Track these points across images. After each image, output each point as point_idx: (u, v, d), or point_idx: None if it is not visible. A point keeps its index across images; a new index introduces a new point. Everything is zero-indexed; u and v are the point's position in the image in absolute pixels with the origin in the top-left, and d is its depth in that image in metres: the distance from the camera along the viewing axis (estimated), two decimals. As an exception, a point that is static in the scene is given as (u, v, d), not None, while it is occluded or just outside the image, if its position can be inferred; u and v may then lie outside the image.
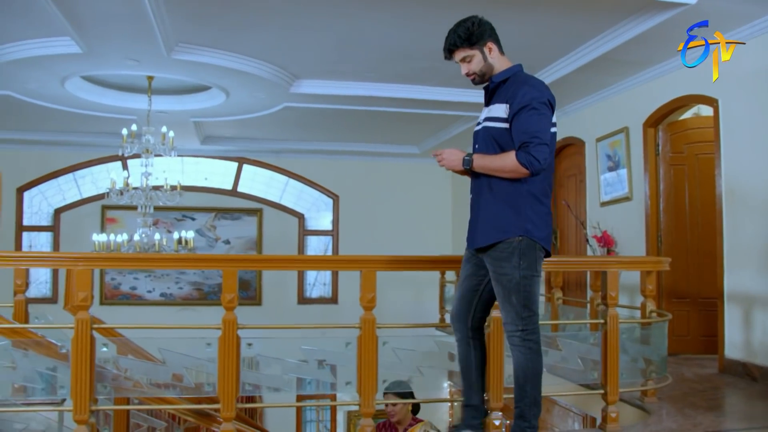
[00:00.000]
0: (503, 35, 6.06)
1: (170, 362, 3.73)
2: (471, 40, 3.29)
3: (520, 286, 3.22)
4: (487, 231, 3.26)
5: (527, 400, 3.31)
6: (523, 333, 3.25)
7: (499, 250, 3.23)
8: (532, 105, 3.12)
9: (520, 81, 3.24)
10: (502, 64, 3.34)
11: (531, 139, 3.08)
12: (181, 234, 8.11)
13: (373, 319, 3.79)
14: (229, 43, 6.58)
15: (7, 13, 5.74)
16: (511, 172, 3.14)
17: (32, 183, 11.42)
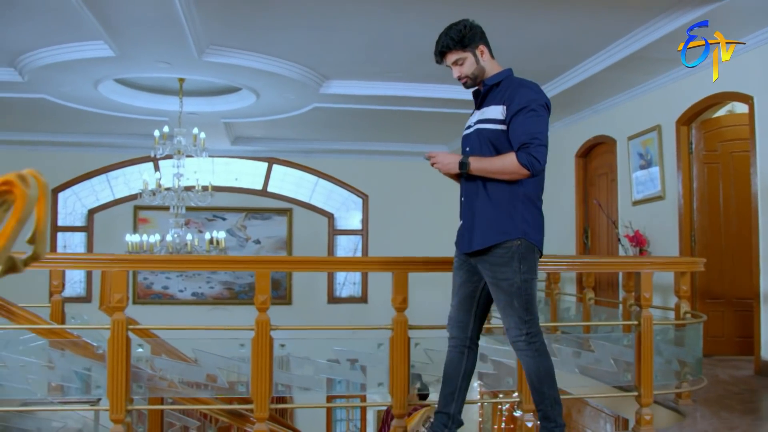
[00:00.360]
0: (534, 34, 6.14)
1: (204, 363, 3.77)
2: (463, 42, 3.27)
3: (521, 290, 3.18)
4: (485, 234, 3.21)
5: (548, 401, 3.28)
6: (528, 336, 3.21)
7: (497, 255, 3.18)
8: (531, 107, 3.10)
9: (517, 83, 3.23)
10: (494, 68, 3.32)
11: (531, 140, 3.06)
12: (212, 234, 8.17)
13: (405, 321, 3.80)
14: (259, 44, 6.63)
15: (42, 18, 5.84)
16: (512, 173, 3.11)
17: (66, 184, 11.59)
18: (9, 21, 5.91)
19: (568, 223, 8.96)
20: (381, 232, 12.13)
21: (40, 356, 3.83)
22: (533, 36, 6.28)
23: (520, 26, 6.03)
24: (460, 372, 3.45)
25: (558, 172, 9.31)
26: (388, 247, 11.58)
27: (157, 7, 5.44)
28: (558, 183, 9.31)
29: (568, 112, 8.67)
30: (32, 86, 7.62)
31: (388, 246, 11.61)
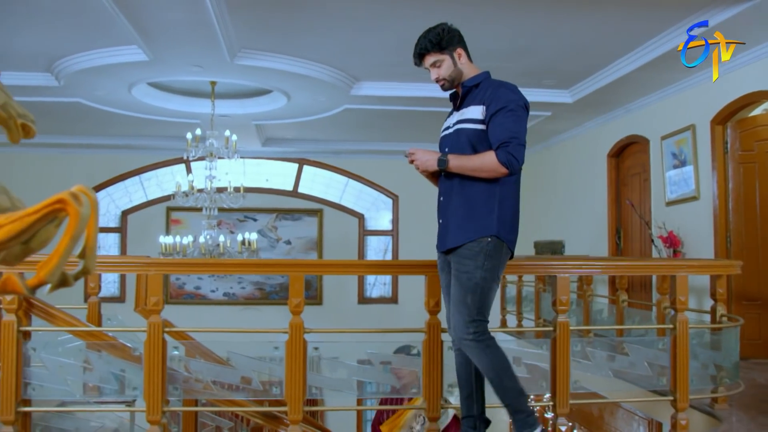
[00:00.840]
0: (566, 34, 6.10)
1: (239, 365, 3.80)
2: (441, 45, 3.31)
3: (478, 287, 3.18)
4: (459, 232, 3.23)
5: (511, 393, 3.26)
6: (475, 335, 3.19)
7: (466, 248, 3.20)
8: (509, 107, 3.14)
9: (496, 84, 3.27)
10: (471, 70, 3.36)
11: (510, 139, 3.09)
12: (244, 235, 8.23)
13: (438, 324, 3.79)
14: (290, 47, 6.66)
15: (78, 24, 5.93)
16: (490, 171, 3.13)
17: (100, 186, 11.75)
18: (46, 27, 6.01)
19: (599, 224, 8.89)
20: (411, 232, 12.12)
21: (78, 357, 3.89)
22: (565, 36, 6.24)
23: (551, 27, 6.00)
24: (471, 374, 3.46)
25: (589, 172, 9.25)
26: (418, 247, 11.51)
27: (191, 12, 5.50)
28: (589, 183, 9.25)
29: (601, 112, 8.60)
30: (68, 90, 7.74)
31: (418, 246, 11.55)
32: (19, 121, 1.48)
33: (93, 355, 3.86)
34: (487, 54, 6.71)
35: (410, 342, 4.00)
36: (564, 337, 3.80)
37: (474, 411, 3.47)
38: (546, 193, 10.73)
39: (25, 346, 3.67)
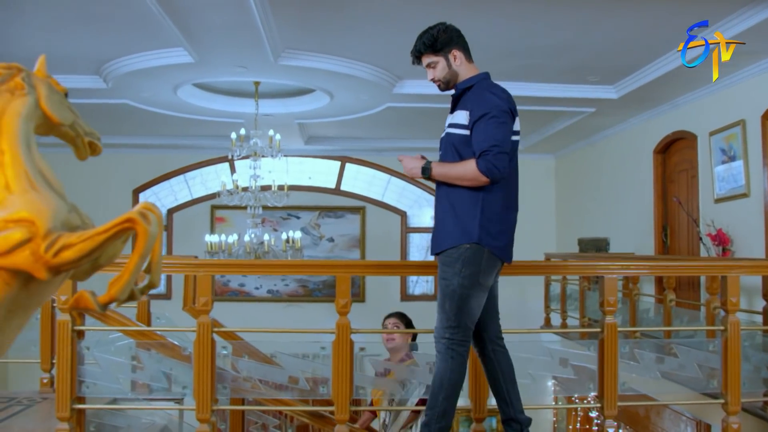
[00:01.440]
0: (610, 30, 6.02)
1: (287, 365, 3.85)
2: (435, 46, 3.29)
3: (455, 294, 3.17)
4: (443, 237, 3.25)
5: (437, 410, 3.25)
6: (448, 341, 3.20)
7: (447, 254, 3.21)
8: (492, 113, 3.10)
9: (483, 88, 3.23)
10: (468, 72, 3.32)
11: (491, 147, 3.06)
12: (288, 234, 8.30)
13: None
14: (334, 47, 6.70)
15: (126, 28, 6.04)
16: (471, 180, 3.13)
17: (146, 185, 11.96)
18: (95, 32, 6.14)
19: (645, 221, 8.76)
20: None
21: (128, 356, 3.97)
22: (610, 32, 6.17)
23: (596, 22, 5.94)
24: (498, 376, 3.45)
25: (635, 168, 9.13)
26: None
27: (236, 15, 5.56)
28: (635, 179, 9.13)
29: (646, 107, 8.47)
30: (115, 92, 7.89)
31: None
32: (87, 139, 1.53)
33: (143, 354, 3.94)
34: (529, 51, 6.69)
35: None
36: (612, 339, 3.76)
37: (510, 414, 3.46)
38: (590, 190, 10.62)
39: (79, 344, 3.75)
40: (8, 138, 1.39)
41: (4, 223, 1.30)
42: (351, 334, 3.73)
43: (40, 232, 1.28)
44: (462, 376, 3.29)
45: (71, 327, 3.68)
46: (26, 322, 1.45)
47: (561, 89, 7.87)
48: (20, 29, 6.07)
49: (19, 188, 1.34)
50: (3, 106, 1.41)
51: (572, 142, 10.89)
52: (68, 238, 1.28)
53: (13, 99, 1.42)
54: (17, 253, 1.28)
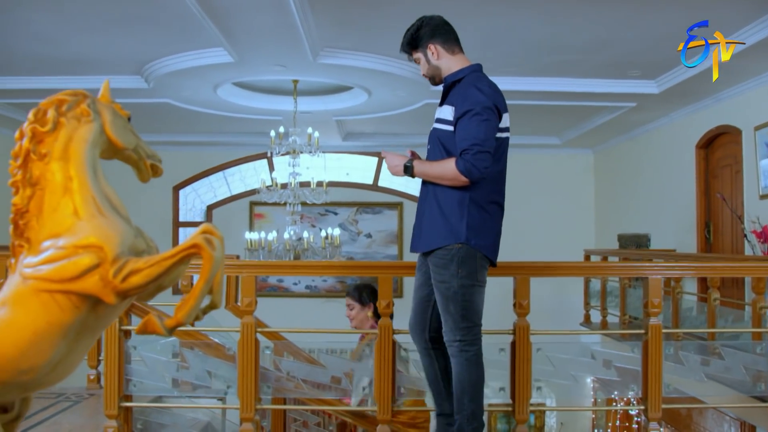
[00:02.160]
0: (651, 25, 5.93)
1: (330, 366, 3.88)
2: (413, 43, 3.27)
3: (458, 295, 3.13)
4: (428, 237, 3.20)
5: (465, 413, 3.22)
6: (461, 344, 3.16)
7: (438, 256, 3.16)
8: (475, 110, 3.02)
9: (470, 83, 3.14)
10: (455, 65, 3.24)
11: (471, 146, 3.00)
12: (326, 231, 8.34)
13: (527, 326, 3.77)
14: (372, 45, 6.71)
15: (167, 29, 6.13)
16: (451, 179, 3.08)
17: (186, 181, 12.12)
18: (137, 34, 6.23)
19: (687, 217, 8.62)
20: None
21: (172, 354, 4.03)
22: (652, 26, 6.08)
23: (638, 18, 5.87)
24: (437, 374, 3.43)
25: (676, 163, 9.00)
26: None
27: (275, 16, 5.60)
28: (676, 175, 9.00)
29: (688, 102, 8.33)
30: (156, 92, 8.00)
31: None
32: (149, 161, 1.56)
33: (188, 353, 4.00)
34: (569, 47, 6.63)
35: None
36: (656, 341, 3.71)
37: (446, 409, 3.44)
38: (630, 185, 10.49)
39: (125, 344, 3.83)
40: (76, 165, 1.43)
41: (74, 249, 1.34)
42: (393, 335, 3.74)
43: (108, 258, 1.32)
44: (482, 374, 3.27)
45: (118, 327, 3.74)
46: (94, 342, 1.49)
47: (601, 84, 7.78)
48: (65, 32, 6.19)
49: (87, 214, 1.38)
50: (70, 134, 1.45)
51: (612, 137, 10.76)
52: (135, 264, 1.31)
53: (79, 126, 1.46)
54: (87, 279, 1.32)
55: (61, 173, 1.43)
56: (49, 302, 1.34)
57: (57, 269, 1.34)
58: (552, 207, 11.94)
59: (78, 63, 7.10)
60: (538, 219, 11.78)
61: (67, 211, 1.40)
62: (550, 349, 3.94)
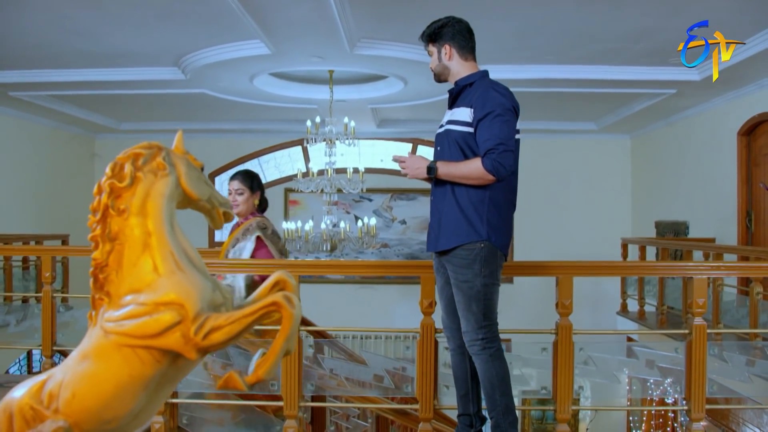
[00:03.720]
0: (698, 10, 5.82)
1: (373, 364, 3.91)
2: (432, 37, 3.36)
3: (480, 294, 3.18)
4: (450, 235, 3.24)
5: (499, 408, 3.26)
6: (484, 341, 3.20)
7: (460, 256, 3.21)
8: (497, 111, 3.12)
9: (486, 86, 3.24)
10: (464, 70, 3.33)
11: (497, 145, 3.08)
12: (363, 220, 8.37)
13: (569, 326, 3.76)
14: (408, 35, 6.64)
15: (204, 22, 6.16)
16: (478, 179, 3.14)
17: (221, 169, 12.22)
18: (175, 27, 6.27)
19: (728, 206, 8.48)
20: (527, 210, 11.83)
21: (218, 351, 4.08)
22: (695, 14, 5.96)
23: (682, 6, 5.76)
24: (467, 373, 3.46)
25: (717, 150, 8.85)
26: (534, 226, 11.42)
27: (313, 8, 5.61)
28: (716, 162, 8.85)
29: (730, 88, 8.17)
30: (193, 83, 8.05)
31: (534, 225, 11.44)
32: (221, 209, 1.59)
33: (232, 350, 4.06)
34: (611, 35, 6.54)
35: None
36: (700, 342, 3.68)
37: (470, 409, 3.50)
38: (668, 172, 10.34)
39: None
40: (154, 220, 1.45)
41: (155, 306, 1.37)
42: (435, 334, 3.76)
43: (189, 315, 1.35)
44: (507, 368, 3.31)
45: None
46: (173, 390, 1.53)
47: (641, 72, 7.67)
48: (105, 27, 6.25)
49: (166, 270, 1.41)
50: (147, 188, 1.48)
51: (650, 123, 10.60)
52: (216, 320, 1.34)
53: (156, 180, 1.49)
54: (168, 335, 1.36)
55: (139, 229, 1.46)
56: (130, 356, 1.38)
57: (139, 326, 1.37)
58: (588, 193, 11.84)
59: (116, 56, 7.19)
60: (574, 204, 11.70)
61: (146, 267, 1.43)
62: (593, 349, 3.94)
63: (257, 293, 1.49)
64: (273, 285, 1.44)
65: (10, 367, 9.39)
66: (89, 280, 1.51)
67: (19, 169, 9.90)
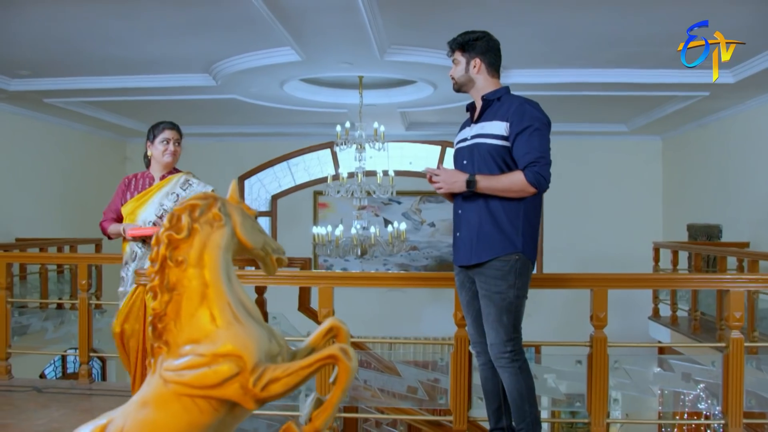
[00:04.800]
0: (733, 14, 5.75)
1: (407, 375, 3.93)
2: (463, 47, 3.35)
3: (512, 306, 3.18)
4: (485, 248, 3.22)
5: (529, 419, 3.26)
6: (512, 354, 3.20)
7: (494, 267, 3.20)
8: (535, 125, 3.16)
9: (519, 101, 3.26)
10: (489, 86, 3.35)
11: (538, 158, 3.12)
12: (393, 225, 8.39)
13: (604, 338, 3.75)
14: (438, 41, 6.57)
15: (235, 30, 6.21)
16: (519, 191, 3.16)
17: (251, 172, 12.31)
18: (206, 35, 6.33)
19: (763, 209, 8.30)
20: (556, 213, 11.83)
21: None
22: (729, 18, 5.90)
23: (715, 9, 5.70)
24: (498, 387, 3.44)
25: (751, 152, 8.75)
26: (564, 229, 11.37)
27: (344, 16, 5.63)
28: (751, 164, 8.74)
29: (764, 90, 8.05)
30: (224, 89, 8.12)
31: (564, 228, 11.39)
32: (275, 256, 1.61)
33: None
34: (644, 39, 6.47)
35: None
36: (738, 355, 3.64)
37: (503, 423, 3.49)
38: (701, 174, 10.21)
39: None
40: (211, 271, 1.48)
41: (214, 357, 1.40)
42: (469, 346, 3.76)
43: (247, 367, 1.37)
44: (532, 380, 3.32)
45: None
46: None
47: (674, 75, 7.58)
48: (138, 36, 6.33)
49: (224, 321, 1.43)
50: (204, 240, 1.50)
51: (681, 124, 10.47)
52: (274, 372, 1.36)
53: (212, 231, 1.51)
54: (227, 386, 1.38)
55: (197, 280, 1.48)
56: (189, 405, 1.40)
57: (198, 376, 1.40)
58: (619, 194, 11.73)
59: (148, 63, 7.28)
60: (604, 206, 11.60)
61: (204, 318, 1.45)
62: (627, 361, 3.92)
63: (311, 339, 1.50)
64: (326, 332, 1.46)
65: (46, 368, 9.55)
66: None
67: (53, 172, 10.07)
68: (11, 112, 9.19)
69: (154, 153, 4.10)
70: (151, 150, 4.12)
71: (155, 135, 4.09)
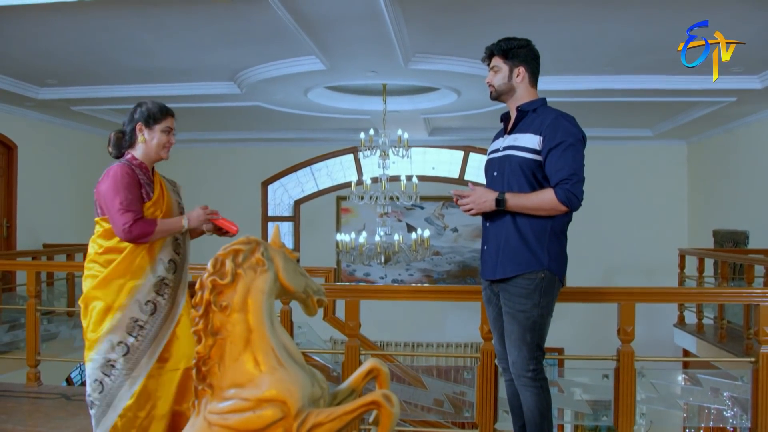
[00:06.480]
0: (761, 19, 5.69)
1: (432, 388, 3.93)
2: (507, 54, 3.24)
3: (536, 324, 3.11)
4: (510, 263, 3.14)
5: None
6: (534, 373, 3.14)
7: (519, 285, 3.12)
8: (569, 141, 3.07)
9: (554, 114, 3.16)
10: (528, 95, 3.26)
11: (570, 176, 3.04)
12: (417, 232, 8.40)
13: (631, 353, 3.73)
14: (462, 50, 6.68)
15: (260, 40, 6.26)
16: (550, 210, 3.09)
17: (274, 177, 12.38)
18: (232, 44, 6.39)
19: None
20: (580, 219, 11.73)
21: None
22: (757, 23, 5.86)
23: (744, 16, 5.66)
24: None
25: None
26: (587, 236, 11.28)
27: (370, 26, 5.64)
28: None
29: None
30: (249, 96, 8.18)
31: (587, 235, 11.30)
32: (315, 297, 1.63)
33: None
34: (670, 47, 6.41)
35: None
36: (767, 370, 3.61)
37: None
38: (727, 179, 10.11)
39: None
40: (255, 316, 1.50)
41: (258, 402, 1.42)
42: (495, 359, 3.76)
43: (291, 412, 1.40)
44: (550, 400, 3.26)
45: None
46: None
47: (700, 81, 7.52)
48: (167, 46, 6.41)
49: (267, 366, 1.46)
50: (248, 285, 1.52)
51: (707, 129, 10.38)
52: (317, 417, 1.38)
53: (255, 276, 1.53)
54: (271, 431, 1.40)
55: (241, 325, 1.50)
56: None
57: (243, 421, 1.42)
58: (643, 199, 11.64)
59: (174, 72, 7.35)
60: (628, 211, 11.52)
61: (248, 363, 1.47)
62: (653, 375, 3.89)
63: (351, 381, 1.52)
64: (366, 373, 1.48)
65: (72, 372, 9.67)
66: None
67: (80, 178, 10.18)
68: (39, 120, 9.32)
69: (149, 141, 3.37)
70: (143, 135, 3.36)
71: (156, 120, 3.37)
